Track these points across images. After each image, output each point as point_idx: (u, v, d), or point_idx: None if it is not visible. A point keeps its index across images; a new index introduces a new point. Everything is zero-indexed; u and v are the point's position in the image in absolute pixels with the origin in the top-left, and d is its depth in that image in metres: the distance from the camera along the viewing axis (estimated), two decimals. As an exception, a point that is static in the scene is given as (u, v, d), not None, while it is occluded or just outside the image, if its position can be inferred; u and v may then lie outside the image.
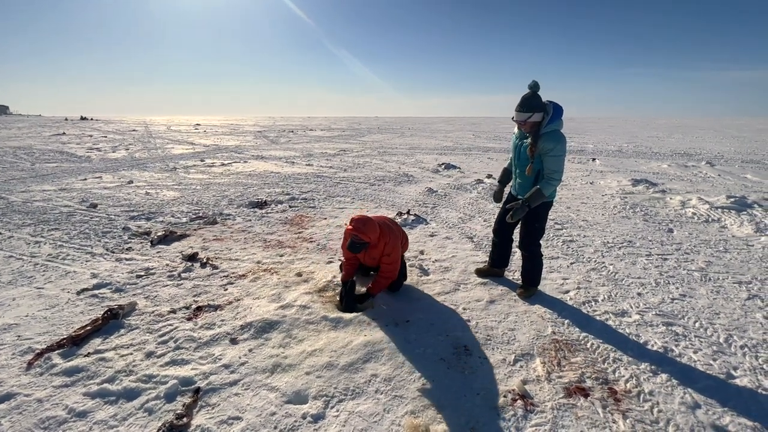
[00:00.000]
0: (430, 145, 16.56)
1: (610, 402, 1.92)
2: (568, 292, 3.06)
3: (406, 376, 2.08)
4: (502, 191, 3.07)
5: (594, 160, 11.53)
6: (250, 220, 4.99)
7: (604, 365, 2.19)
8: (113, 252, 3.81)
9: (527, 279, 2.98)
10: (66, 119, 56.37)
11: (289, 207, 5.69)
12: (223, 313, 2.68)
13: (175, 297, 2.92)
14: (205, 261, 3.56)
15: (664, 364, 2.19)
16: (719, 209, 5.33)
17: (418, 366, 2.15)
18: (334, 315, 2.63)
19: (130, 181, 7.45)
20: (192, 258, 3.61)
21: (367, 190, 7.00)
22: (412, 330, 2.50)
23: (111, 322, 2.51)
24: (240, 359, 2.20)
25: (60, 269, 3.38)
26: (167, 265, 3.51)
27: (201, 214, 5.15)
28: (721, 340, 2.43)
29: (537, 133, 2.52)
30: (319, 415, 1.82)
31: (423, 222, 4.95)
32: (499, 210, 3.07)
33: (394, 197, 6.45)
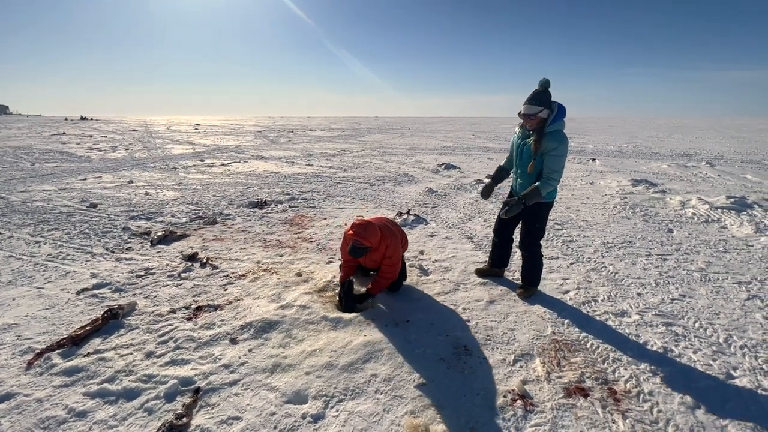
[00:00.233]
0: (430, 145, 16.56)
1: (610, 402, 1.92)
2: (567, 292, 3.06)
3: (406, 376, 2.08)
4: (492, 188, 3.07)
5: (594, 160, 11.53)
6: (250, 220, 4.99)
7: (604, 365, 2.19)
8: (113, 252, 3.82)
9: (527, 279, 2.98)
10: (66, 119, 56.36)
11: (289, 207, 5.69)
12: (222, 313, 2.68)
13: (175, 297, 2.92)
14: (205, 261, 3.56)
15: (664, 365, 2.19)
16: (719, 209, 5.33)
17: (417, 366, 2.15)
18: (334, 315, 2.63)
19: (130, 181, 7.45)
20: (192, 258, 3.61)
21: (367, 190, 7.00)
22: (411, 330, 2.50)
23: (111, 322, 2.51)
24: (240, 359, 2.20)
25: (60, 269, 3.38)
26: (167, 265, 3.51)
27: (201, 214, 5.15)
28: (720, 341, 2.43)
29: (541, 131, 2.53)
30: (318, 415, 1.83)
31: (423, 222, 4.95)
32: (500, 210, 3.08)
33: (394, 197, 6.45)
